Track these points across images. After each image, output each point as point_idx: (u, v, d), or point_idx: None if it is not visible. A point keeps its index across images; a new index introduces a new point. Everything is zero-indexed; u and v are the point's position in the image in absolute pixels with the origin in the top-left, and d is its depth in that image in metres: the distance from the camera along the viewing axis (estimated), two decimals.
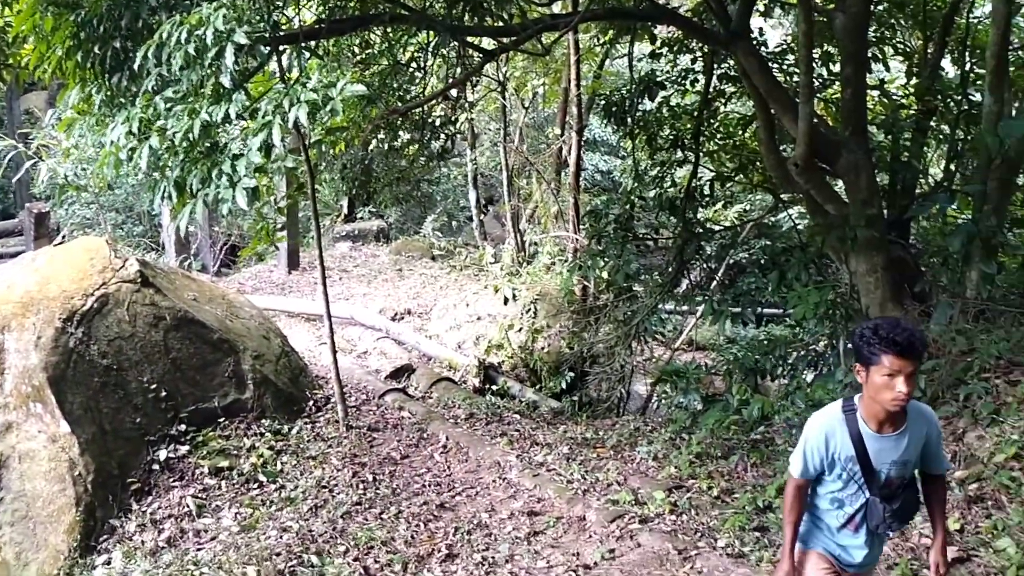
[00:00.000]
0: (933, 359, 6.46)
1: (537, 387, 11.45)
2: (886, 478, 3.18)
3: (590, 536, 5.97)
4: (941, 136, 8.71)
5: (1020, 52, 8.25)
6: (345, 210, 18.87)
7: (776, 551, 5.40)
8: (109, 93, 6.37)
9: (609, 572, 5.37)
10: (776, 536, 5.58)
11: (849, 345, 7.97)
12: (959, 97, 8.18)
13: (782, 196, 9.97)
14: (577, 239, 12.89)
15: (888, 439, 3.13)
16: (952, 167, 8.25)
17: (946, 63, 8.98)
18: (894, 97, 9.22)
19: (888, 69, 9.17)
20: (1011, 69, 7.44)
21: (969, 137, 7.99)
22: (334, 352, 7.99)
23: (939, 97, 8.37)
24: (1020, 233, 8.44)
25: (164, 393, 6.78)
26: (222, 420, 7.22)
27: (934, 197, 7.71)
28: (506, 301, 12.18)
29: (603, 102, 9.98)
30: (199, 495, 6.28)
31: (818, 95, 8.92)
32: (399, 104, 9.17)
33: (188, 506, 6.11)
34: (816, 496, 3.39)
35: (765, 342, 9.10)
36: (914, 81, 8.74)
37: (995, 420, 5.62)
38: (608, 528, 5.99)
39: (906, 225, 8.25)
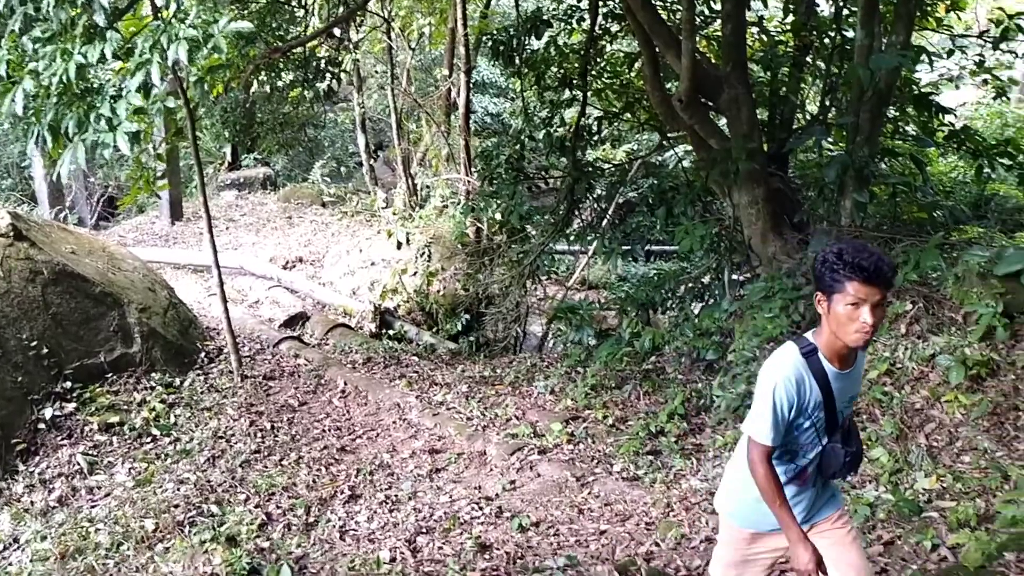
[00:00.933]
0: (811, 284, 6.77)
1: (434, 330, 11.49)
2: (843, 419, 2.89)
3: (491, 469, 6.11)
4: (817, 71, 9.00)
5: None
6: (229, 158, 18.20)
7: (668, 473, 5.65)
8: None
9: (510, 502, 5.51)
10: (669, 458, 5.83)
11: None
12: (833, 33, 8.45)
13: (668, 134, 10.15)
14: (469, 181, 12.85)
15: (848, 375, 2.84)
16: (827, 101, 8.54)
17: (820, 0, 9.25)
18: (772, 33, 9.46)
19: (766, 6, 9.36)
20: (881, 5, 7.72)
21: (843, 71, 8.29)
22: (224, 302, 7.81)
23: (814, 33, 8.62)
24: (891, 163, 8.85)
25: (46, 350, 6.51)
26: (110, 375, 7.01)
27: (810, 130, 8.00)
28: (399, 246, 12.11)
29: (490, 42, 9.90)
30: (90, 452, 6.10)
31: (700, 32, 9.08)
32: (280, 44, 8.88)
33: (79, 464, 5.93)
34: None
35: (655, 277, 9.36)
36: (791, 18, 8.96)
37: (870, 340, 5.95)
38: (508, 461, 6.14)
39: (785, 158, 8.55)
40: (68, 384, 6.60)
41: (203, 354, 8.17)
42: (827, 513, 3.02)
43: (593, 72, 10.09)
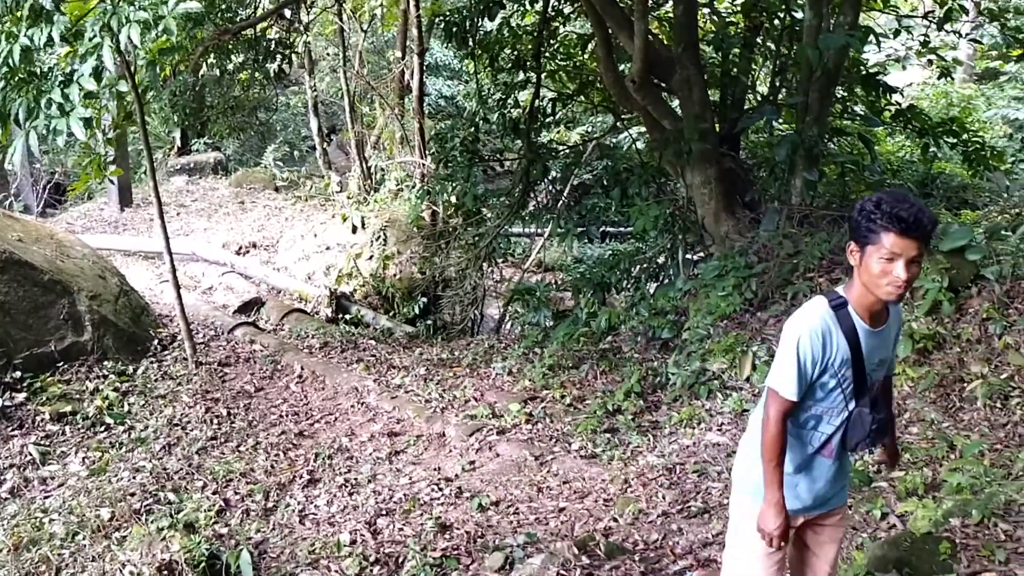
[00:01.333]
0: (763, 262, 6.89)
1: (391, 314, 11.45)
2: (872, 382, 2.67)
3: (450, 451, 6.13)
4: (767, 52, 9.11)
5: None
6: (178, 142, 17.92)
7: (626, 450, 5.72)
8: None
9: (470, 482, 5.54)
10: (626, 435, 5.90)
11: (687, 255, 8.41)
12: (782, 14, 8.56)
13: (621, 116, 10.22)
14: (424, 164, 12.81)
15: (880, 333, 2.64)
16: (777, 82, 8.67)
17: None
18: (723, 14, 9.54)
19: None
20: None
21: (792, 52, 8.41)
22: (177, 288, 7.71)
23: (764, 14, 8.73)
24: (839, 142, 9.01)
25: None
26: (61, 364, 6.91)
27: (761, 110, 8.12)
28: (355, 230, 12.04)
29: (443, 24, 9.85)
30: (42, 442, 6.00)
31: (652, 13, 9.13)
32: (229, 26, 8.76)
33: (30, 454, 5.83)
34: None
35: (610, 258, 9.44)
36: None
37: None
38: (467, 442, 6.17)
39: (736, 138, 8.66)
40: (18, 374, 6.50)
41: (156, 341, 8.07)
42: (838, 504, 2.86)
43: (547, 54, 10.11)
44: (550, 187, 11.28)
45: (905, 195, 2.45)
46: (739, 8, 9.16)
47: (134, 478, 5.56)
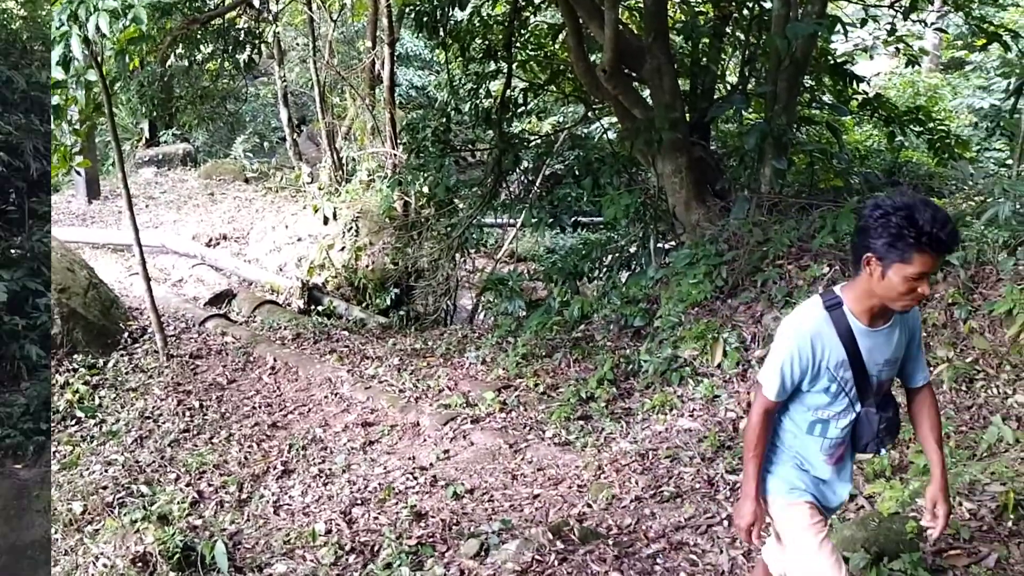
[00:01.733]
0: (733, 250, 6.96)
1: (364, 305, 11.44)
2: (878, 383, 2.59)
3: (425, 440, 6.15)
4: (736, 41, 9.18)
5: None
6: (147, 134, 17.73)
7: (599, 436, 5.76)
8: None
9: (445, 471, 5.56)
10: (599, 422, 5.94)
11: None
12: (751, 3, 8.62)
13: (593, 106, 10.25)
14: (395, 155, 12.75)
15: (880, 333, 2.52)
16: (746, 71, 8.73)
17: None
18: (692, 4, 9.59)
19: None
20: None
21: (761, 42, 8.47)
22: (147, 281, 7.66)
23: (733, 4, 8.78)
24: (808, 131, 9.10)
25: None
26: None
27: (731, 99, 8.18)
28: (326, 221, 11.99)
29: (413, 13, 9.81)
30: None
31: (622, 2, 9.16)
32: (197, 15, 8.68)
33: None
34: (791, 422, 2.69)
35: (582, 247, 9.48)
36: None
37: (788, 302, 6.14)
38: (442, 431, 6.19)
39: (707, 127, 8.72)
40: None
41: (127, 334, 8.02)
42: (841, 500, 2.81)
43: (518, 44, 10.11)
44: (522, 177, 11.29)
45: (932, 205, 2.29)
46: None
47: (106, 471, 5.55)
